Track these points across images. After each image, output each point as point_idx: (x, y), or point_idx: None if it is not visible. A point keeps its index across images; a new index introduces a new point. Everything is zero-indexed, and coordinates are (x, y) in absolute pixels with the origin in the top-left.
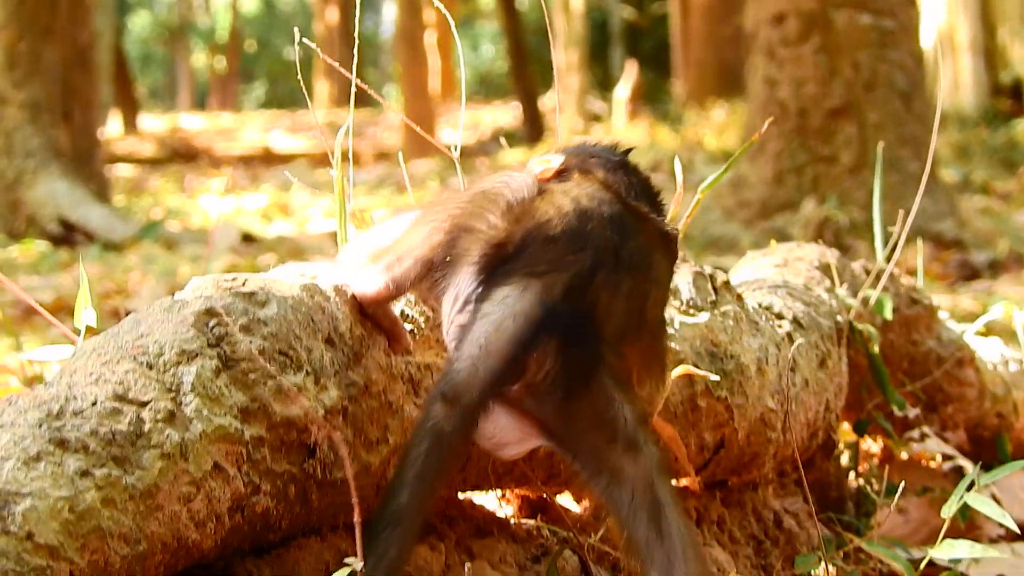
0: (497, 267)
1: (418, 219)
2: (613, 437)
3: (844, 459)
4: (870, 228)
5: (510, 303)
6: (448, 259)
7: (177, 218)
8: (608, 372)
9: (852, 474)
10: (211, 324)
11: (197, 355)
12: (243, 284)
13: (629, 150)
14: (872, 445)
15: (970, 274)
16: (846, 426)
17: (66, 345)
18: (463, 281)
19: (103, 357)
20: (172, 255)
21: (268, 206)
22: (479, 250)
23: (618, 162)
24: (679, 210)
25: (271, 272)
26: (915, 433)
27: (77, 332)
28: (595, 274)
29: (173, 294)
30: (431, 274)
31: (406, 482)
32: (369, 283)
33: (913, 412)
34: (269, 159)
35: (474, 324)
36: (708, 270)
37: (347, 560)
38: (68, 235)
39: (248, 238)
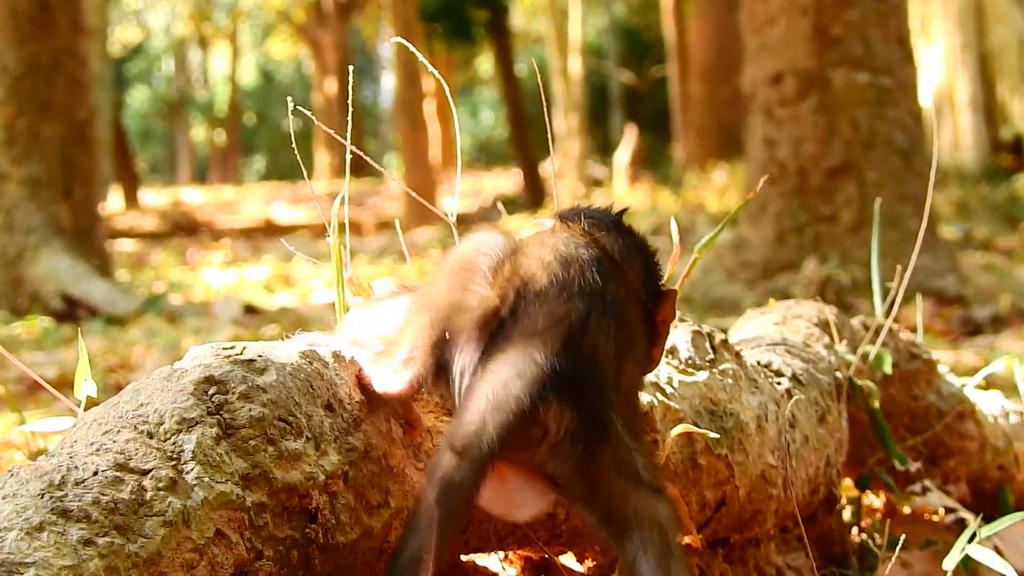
0: (495, 333)
1: (415, 306)
2: (635, 484)
3: (847, 514)
4: (872, 286)
5: (514, 362)
6: (447, 338)
7: (179, 291)
8: (619, 418)
9: (855, 529)
10: (210, 392)
11: (197, 423)
12: (241, 352)
13: (624, 210)
14: (874, 500)
15: (973, 330)
16: (848, 481)
17: (67, 417)
18: (464, 355)
19: (103, 427)
20: (175, 328)
21: (270, 278)
22: (473, 322)
23: (611, 222)
24: (675, 269)
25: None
26: (917, 487)
27: (79, 404)
28: (588, 319)
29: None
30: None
31: (418, 530)
32: (392, 383)
33: (915, 466)
34: (270, 231)
35: (480, 383)
36: (706, 329)
37: None
38: (71, 311)
39: (251, 310)
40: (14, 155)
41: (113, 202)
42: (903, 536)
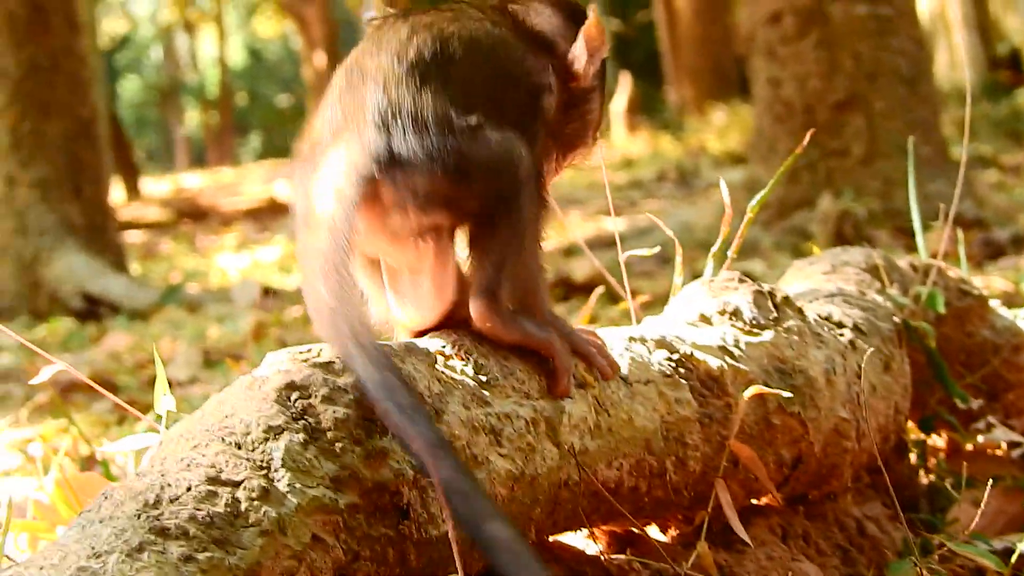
0: None
1: None
2: None
3: (912, 457)
4: (888, 218)
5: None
6: None
7: (195, 280)
8: None
9: (921, 471)
10: (293, 398)
11: (283, 430)
12: (319, 355)
13: None
14: (936, 440)
15: (995, 252)
16: (911, 424)
17: (145, 435)
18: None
19: (191, 441)
20: (197, 318)
21: (283, 257)
22: None
23: None
24: (730, 231)
25: None
26: (980, 424)
27: (131, 404)
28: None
29: (207, 355)
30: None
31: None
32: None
33: (976, 403)
34: (275, 209)
35: None
36: (767, 287)
37: None
38: (92, 309)
39: (269, 292)
40: (21, 158)
41: (115, 194)
42: (966, 473)
